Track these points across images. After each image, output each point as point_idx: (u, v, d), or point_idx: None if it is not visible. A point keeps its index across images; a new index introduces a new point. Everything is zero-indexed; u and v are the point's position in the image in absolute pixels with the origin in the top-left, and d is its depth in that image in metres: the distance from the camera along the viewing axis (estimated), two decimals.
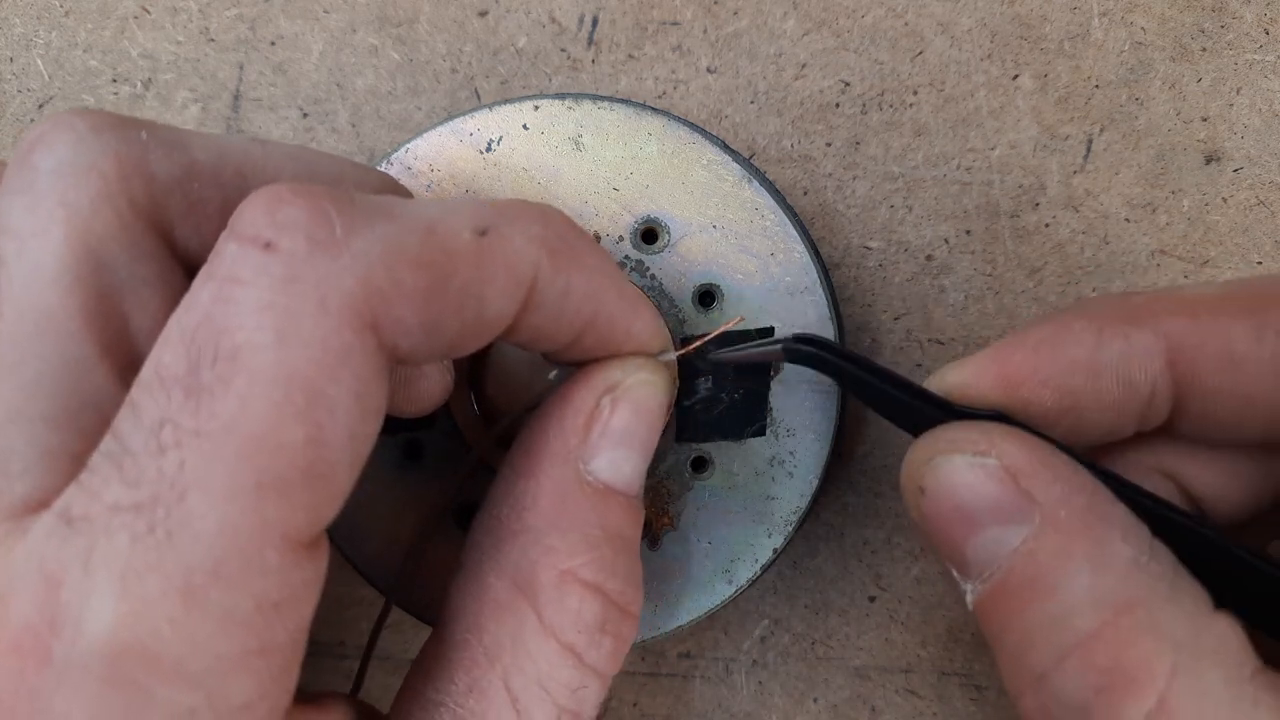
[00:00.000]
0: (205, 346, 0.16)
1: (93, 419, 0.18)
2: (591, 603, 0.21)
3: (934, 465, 0.20)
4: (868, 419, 0.30)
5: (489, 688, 0.20)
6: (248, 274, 0.16)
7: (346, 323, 0.17)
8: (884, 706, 0.30)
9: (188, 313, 0.17)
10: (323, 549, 0.18)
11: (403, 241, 0.17)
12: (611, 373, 0.22)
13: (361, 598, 0.30)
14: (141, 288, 0.19)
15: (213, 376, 0.16)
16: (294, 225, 0.17)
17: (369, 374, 0.17)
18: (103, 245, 0.19)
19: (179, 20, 0.31)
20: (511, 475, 0.22)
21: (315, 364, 0.16)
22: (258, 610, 0.16)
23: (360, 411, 0.17)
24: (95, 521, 0.16)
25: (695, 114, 0.30)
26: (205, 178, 0.20)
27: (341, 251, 0.17)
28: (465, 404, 0.27)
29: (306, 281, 0.16)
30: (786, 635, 0.31)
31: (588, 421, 0.22)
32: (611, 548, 0.22)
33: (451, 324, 0.18)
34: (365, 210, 0.18)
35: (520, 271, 0.19)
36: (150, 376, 0.16)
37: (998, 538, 0.19)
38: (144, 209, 0.19)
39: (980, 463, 0.20)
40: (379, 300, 0.17)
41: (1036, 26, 0.30)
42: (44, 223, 0.19)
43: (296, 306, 0.16)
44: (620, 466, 0.22)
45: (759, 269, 0.26)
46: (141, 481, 0.16)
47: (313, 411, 0.16)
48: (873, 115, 0.30)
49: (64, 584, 0.16)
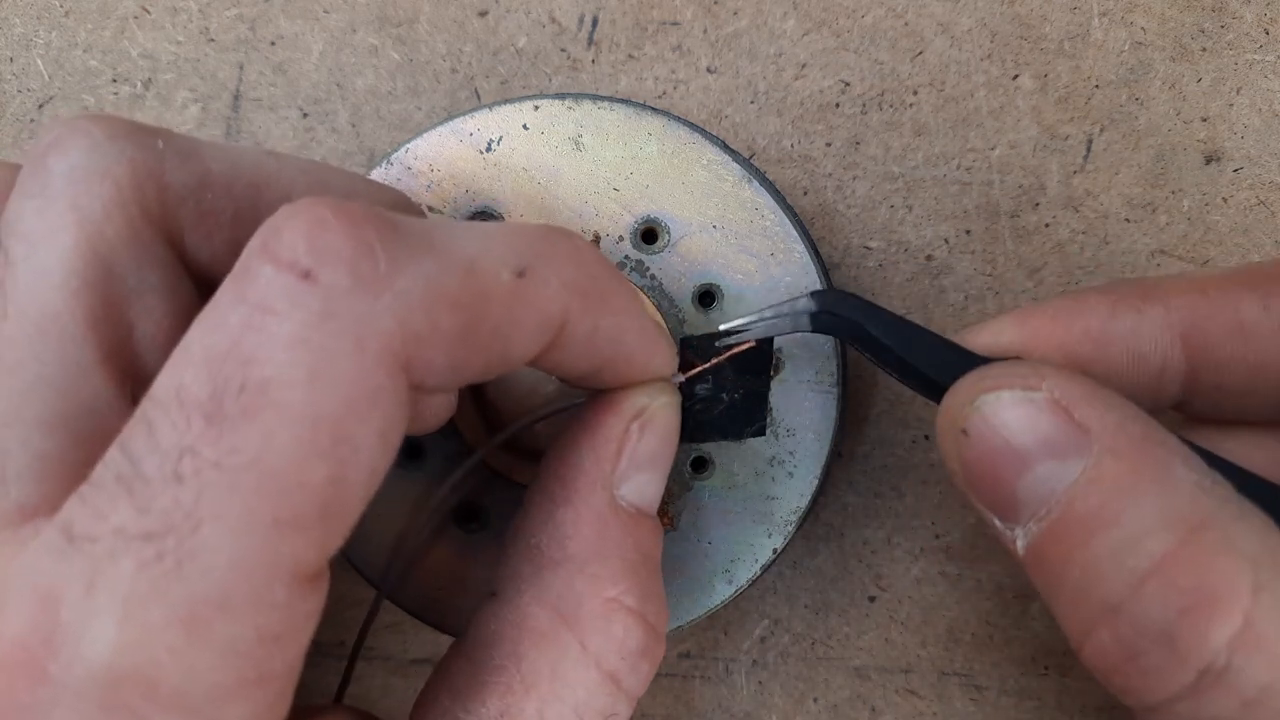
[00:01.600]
0: (232, 375, 0.16)
1: (89, 424, 0.18)
2: (635, 629, 0.21)
3: (978, 405, 0.20)
4: (868, 419, 0.30)
5: (521, 715, 0.20)
6: (283, 305, 0.16)
7: (382, 365, 0.16)
8: (884, 706, 0.30)
9: (214, 334, 0.16)
10: (325, 579, 0.17)
11: (444, 282, 0.17)
12: (639, 399, 0.22)
13: (361, 598, 0.30)
14: (149, 295, 0.19)
15: (237, 408, 0.16)
16: (336, 256, 0.16)
17: (395, 413, 0.17)
18: (112, 251, 0.19)
19: (179, 20, 0.31)
20: (547, 503, 0.22)
21: (345, 405, 0.16)
22: (259, 642, 0.16)
23: (383, 449, 0.17)
24: (100, 543, 0.16)
25: (695, 114, 0.30)
26: (218, 188, 0.20)
27: (384, 290, 0.16)
28: (467, 407, 0.27)
29: (345, 319, 0.16)
30: (786, 635, 0.31)
31: (620, 447, 0.22)
32: (647, 571, 0.22)
33: (477, 362, 0.18)
34: (408, 242, 0.17)
35: (551, 316, 0.19)
36: (168, 396, 0.16)
37: (1053, 473, 0.19)
38: (156, 217, 0.19)
39: (1029, 397, 0.19)
40: (415, 342, 0.17)
41: (1036, 26, 0.30)
42: (54, 226, 0.18)
43: (333, 346, 0.16)
44: (646, 489, 0.22)
45: (759, 269, 0.26)
46: (153, 509, 0.16)
47: (337, 451, 0.16)
48: (873, 115, 0.30)
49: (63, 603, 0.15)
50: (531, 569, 0.22)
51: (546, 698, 0.20)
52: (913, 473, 0.30)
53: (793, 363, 0.26)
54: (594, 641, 0.21)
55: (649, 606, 0.22)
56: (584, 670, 0.21)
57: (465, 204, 0.26)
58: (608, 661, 0.21)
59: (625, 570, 0.21)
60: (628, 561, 0.21)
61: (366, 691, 0.25)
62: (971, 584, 0.30)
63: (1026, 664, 0.30)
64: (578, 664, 0.21)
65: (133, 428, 0.16)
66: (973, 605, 0.30)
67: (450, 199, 0.26)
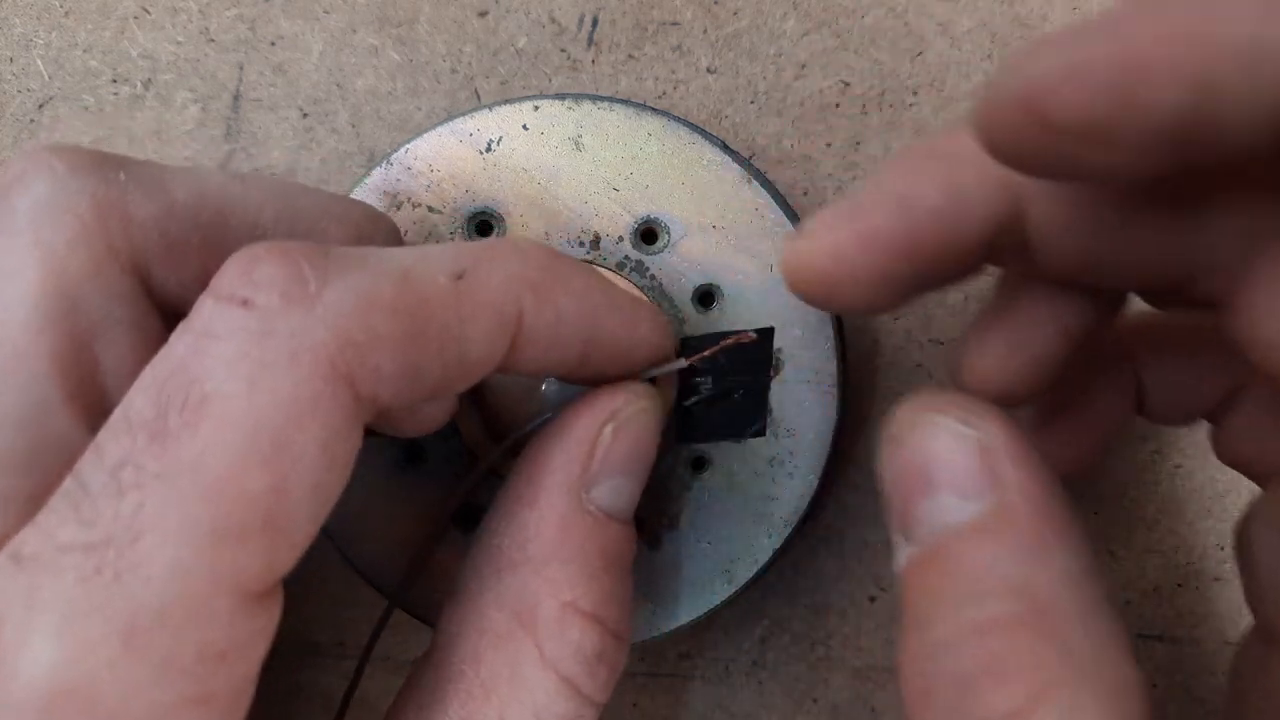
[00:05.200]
0: (175, 394, 0.16)
1: (54, 462, 0.18)
2: (591, 634, 0.21)
3: (915, 421, 0.20)
4: (868, 419, 0.30)
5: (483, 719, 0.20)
6: (223, 328, 0.17)
7: (317, 372, 0.17)
8: (884, 707, 0.30)
9: (162, 363, 0.17)
10: (276, 599, 0.17)
11: (377, 290, 0.18)
12: (613, 400, 0.22)
13: (361, 598, 0.30)
14: (115, 330, 0.19)
15: (180, 422, 0.16)
16: (269, 282, 0.17)
17: (338, 424, 0.17)
18: (77, 287, 0.19)
19: (179, 20, 0.31)
20: (513, 503, 0.22)
21: (283, 412, 0.16)
22: (200, 659, 0.16)
23: (326, 461, 0.17)
24: (43, 560, 0.16)
25: (695, 114, 0.30)
26: (184, 218, 0.20)
27: (315, 304, 0.17)
28: (468, 411, 0.27)
29: (279, 335, 0.17)
30: (786, 636, 0.31)
31: (590, 450, 0.22)
32: (610, 576, 0.22)
33: (433, 368, 0.18)
34: (340, 262, 0.18)
35: (502, 311, 0.19)
36: (119, 421, 0.16)
37: (951, 507, 0.19)
38: (121, 250, 0.19)
39: (962, 431, 0.20)
40: (353, 350, 0.17)
41: (1036, 27, 0.30)
42: (18, 264, 0.19)
43: (269, 358, 0.16)
44: (618, 494, 0.22)
45: (759, 269, 0.26)
46: (97, 522, 0.16)
47: (277, 460, 0.16)
48: (873, 115, 0.30)
49: (5, 622, 0.15)
50: (492, 570, 0.22)
51: (507, 701, 0.20)
52: None
53: (793, 363, 0.26)
54: (550, 645, 0.21)
55: (608, 612, 0.21)
56: (542, 674, 0.21)
57: (465, 204, 0.26)
58: (564, 666, 0.21)
59: (585, 574, 0.21)
60: (590, 566, 0.21)
61: (366, 691, 0.25)
62: None
63: None
64: (535, 668, 0.21)
65: (85, 455, 0.16)
66: None
67: (450, 199, 0.26)
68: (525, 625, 0.21)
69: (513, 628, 0.21)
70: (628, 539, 0.23)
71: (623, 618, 0.22)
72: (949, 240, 0.19)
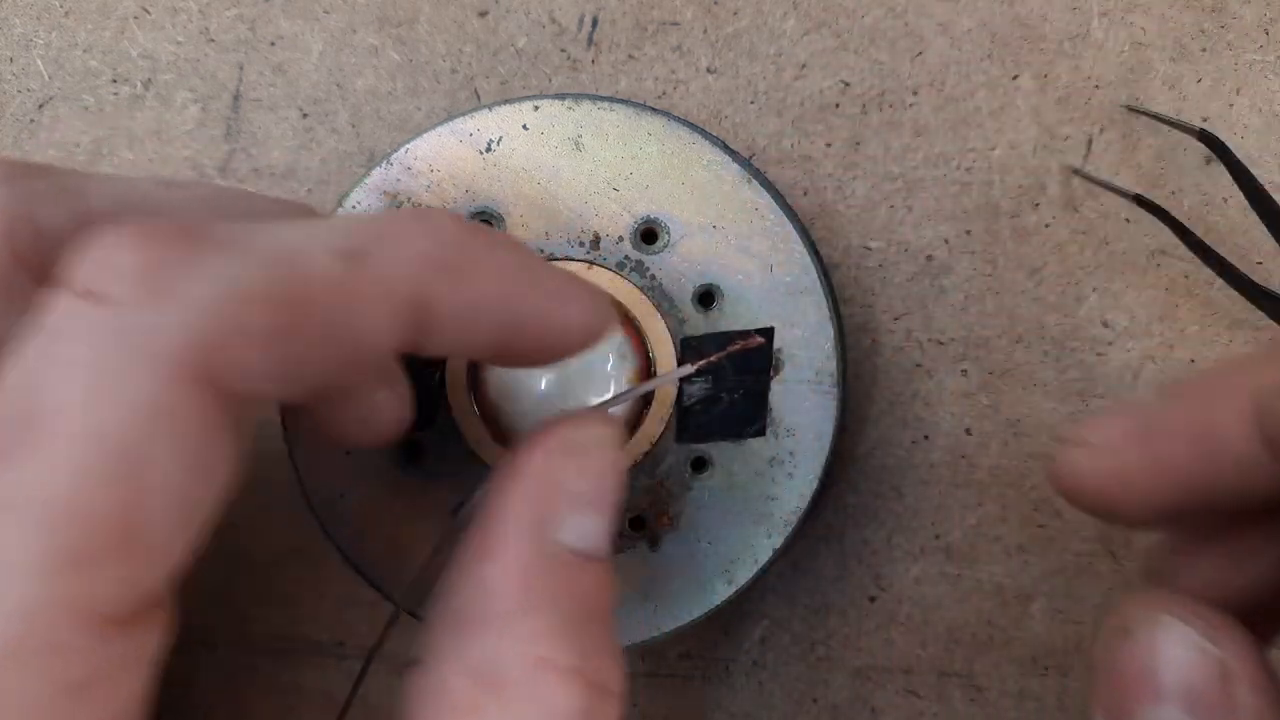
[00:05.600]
0: (19, 408, 0.15)
1: None
2: (570, 692, 0.18)
3: (1157, 620, 0.19)
4: (868, 419, 0.30)
5: None
6: (69, 328, 0.15)
7: (170, 376, 0.15)
8: (884, 707, 0.30)
9: (12, 369, 0.15)
10: (150, 621, 0.16)
11: (247, 279, 0.16)
12: (569, 434, 0.21)
13: (361, 599, 0.30)
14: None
15: (19, 441, 0.15)
16: (123, 271, 0.15)
17: (200, 430, 0.16)
18: None
19: (179, 20, 0.31)
20: (470, 559, 0.20)
21: (130, 424, 0.15)
22: (56, 694, 0.15)
23: (190, 470, 0.16)
24: None
25: (695, 114, 0.30)
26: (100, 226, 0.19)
27: (171, 300, 0.15)
28: (468, 410, 0.27)
29: (128, 335, 0.15)
30: (786, 636, 0.31)
31: (549, 488, 0.20)
32: (591, 623, 0.19)
33: (316, 359, 0.17)
34: (209, 245, 0.16)
35: (400, 298, 0.18)
36: None
37: (1174, 718, 0.18)
38: (30, 260, 0.19)
39: (1204, 647, 0.19)
40: (214, 349, 0.16)
41: (1036, 26, 0.30)
42: None
43: (113, 364, 0.15)
44: (588, 531, 0.20)
45: (759, 269, 0.26)
46: None
47: (129, 476, 0.15)
48: (873, 115, 0.30)
49: None
50: (452, 634, 0.19)
51: None
52: (913, 473, 0.30)
53: (792, 363, 0.26)
54: (520, 709, 0.18)
55: (592, 663, 0.19)
56: None
57: (465, 204, 0.26)
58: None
59: (559, 625, 0.19)
60: (562, 615, 0.19)
61: (367, 691, 0.25)
62: (971, 584, 0.30)
63: (1026, 664, 0.30)
64: None
65: None
66: (973, 605, 0.30)
67: (450, 199, 0.26)
68: (493, 690, 0.18)
69: (474, 696, 0.18)
70: (606, 579, 0.20)
71: (608, 667, 0.19)
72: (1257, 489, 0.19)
